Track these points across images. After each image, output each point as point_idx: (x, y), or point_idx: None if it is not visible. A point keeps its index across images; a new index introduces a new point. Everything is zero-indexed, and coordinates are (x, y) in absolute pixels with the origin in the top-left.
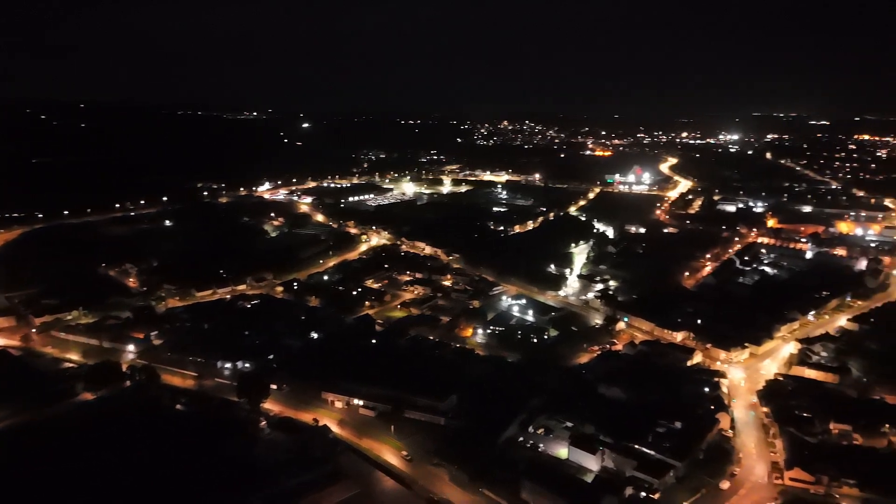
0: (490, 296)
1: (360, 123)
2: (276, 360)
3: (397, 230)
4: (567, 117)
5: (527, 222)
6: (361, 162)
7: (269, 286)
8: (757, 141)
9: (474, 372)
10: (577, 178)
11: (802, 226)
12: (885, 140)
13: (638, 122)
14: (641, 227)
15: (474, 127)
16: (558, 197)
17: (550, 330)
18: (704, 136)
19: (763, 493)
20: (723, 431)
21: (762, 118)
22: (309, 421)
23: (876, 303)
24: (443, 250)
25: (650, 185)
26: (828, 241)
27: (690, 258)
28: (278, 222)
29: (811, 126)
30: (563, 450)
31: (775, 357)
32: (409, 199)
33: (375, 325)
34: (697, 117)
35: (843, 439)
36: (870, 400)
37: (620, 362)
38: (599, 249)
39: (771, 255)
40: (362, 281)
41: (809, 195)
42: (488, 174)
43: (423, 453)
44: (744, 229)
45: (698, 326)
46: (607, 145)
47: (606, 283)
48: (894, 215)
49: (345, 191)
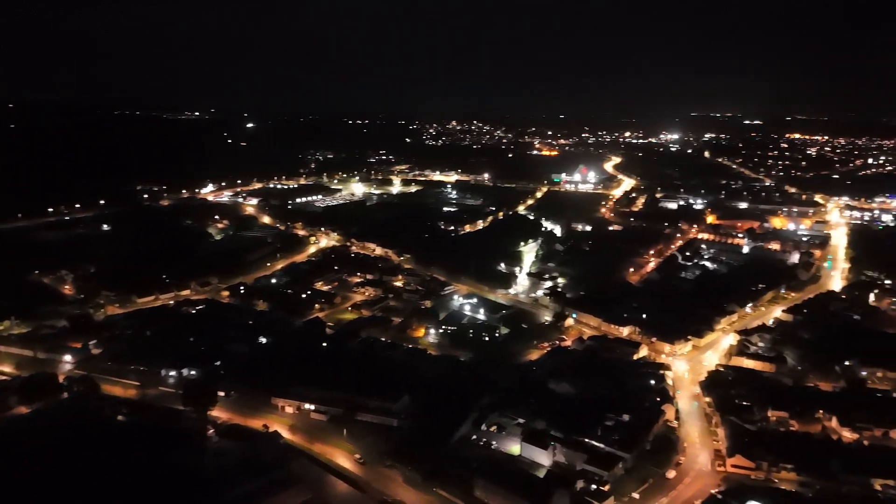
0: (441, 295)
1: (306, 123)
2: (223, 367)
3: (347, 231)
4: (514, 117)
5: (477, 222)
6: (309, 162)
7: (215, 291)
8: (696, 140)
9: (427, 372)
10: (525, 178)
11: (739, 222)
12: (814, 139)
13: (583, 122)
14: (588, 225)
15: (423, 127)
16: (507, 196)
17: (501, 328)
18: (646, 136)
19: (707, 481)
20: (668, 422)
21: (700, 118)
22: (259, 427)
23: (808, 294)
24: (393, 251)
25: (595, 184)
26: (763, 236)
27: (635, 254)
28: (223, 225)
29: (746, 125)
30: (515, 446)
31: (716, 348)
32: (359, 200)
33: (326, 328)
34: (640, 117)
35: (781, 426)
36: (804, 387)
37: (569, 358)
38: (548, 247)
39: (711, 251)
40: (311, 283)
41: (745, 192)
42: (438, 174)
43: (376, 455)
44: (685, 226)
45: (643, 321)
46: (554, 145)
47: (555, 281)
48: (824, 211)
49: (292, 192)
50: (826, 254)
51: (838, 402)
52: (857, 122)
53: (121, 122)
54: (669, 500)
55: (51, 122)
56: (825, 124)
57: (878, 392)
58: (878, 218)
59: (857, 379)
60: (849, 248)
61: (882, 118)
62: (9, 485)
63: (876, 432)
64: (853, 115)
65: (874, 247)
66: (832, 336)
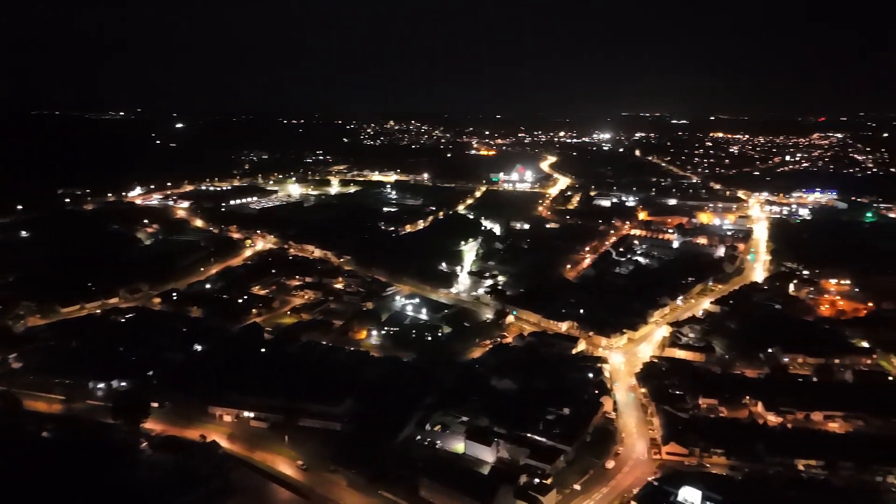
0: (383, 296)
1: (239, 123)
2: (156, 377)
3: (284, 233)
4: (451, 118)
5: (417, 221)
6: (242, 163)
7: (145, 298)
8: (626, 139)
9: (370, 374)
10: (464, 178)
11: (669, 218)
12: (736, 137)
13: (519, 122)
14: (526, 224)
15: (360, 127)
16: (447, 196)
17: (444, 327)
18: (580, 136)
19: (644, 469)
20: (607, 414)
21: (630, 118)
22: (195, 438)
23: (733, 286)
24: (333, 252)
25: (532, 183)
26: (691, 231)
27: (571, 251)
28: (152, 229)
29: (673, 125)
30: (459, 445)
31: (650, 340)
32: (296, 201)
33: (264, 333)
34: (573, 117)
35: (711, 413)
36: (732, 375)
37: (511, 354)
38: (488, 246)
39: (643, 246)
40: (248, 288)
41: (674, 189)
42: (377, 174)
43: (319, 461)
44: (618, 222)
45: (581, 316)
46: (491, 145)
47: (495, 279)
48: (746, 206)
49: (225, 194)
50: (749, 247)
51: (763, 388)
52: (775, 121)
53: (39, 123)
54: (609, 490)
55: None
56: (746, 123)
57: (799, 377)
58: (795, 212)
59: (779, 365)
60: (769, 241)
61: (797, 118)
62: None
63: (798, 415)
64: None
65: (792, 239)
66: (756, 325)
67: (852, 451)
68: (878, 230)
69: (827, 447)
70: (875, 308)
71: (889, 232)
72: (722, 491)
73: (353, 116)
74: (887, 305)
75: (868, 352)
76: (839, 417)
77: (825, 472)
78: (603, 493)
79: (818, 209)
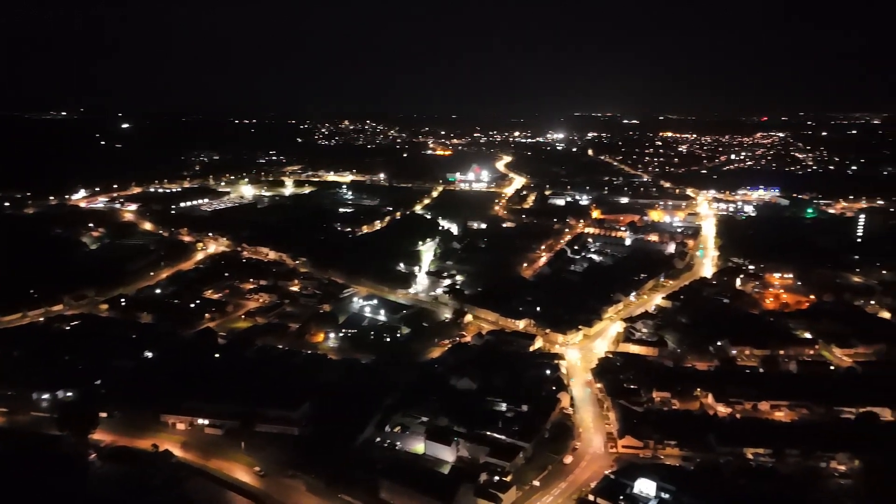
0: (340, 298)
1: (189, 123)
2: (104, 386)
3: (237, 236)
4: (407, 117)
5: (374, 222)
6: (193, 164)
7: (92, 304)
8: (580, 139)
9: (328, 377)
10: (420, 178)
11: (621, 216)
12: (684, 137)
13: (474, 122)
14: (483, 223)
15: (315, 127)
16: (404, 196)
17: (402, 328)
18: (534, 135)
19: (601, 463)
20: (564, 409)
21: (583, 118)
22: (147, 448)
23: (684, 281)
24: (288, 254)
25: (489, 183)
26: (643, 228)
27: (528, 250)
28: (98, 233)
29: (624, 125)
30: (419, 445)
31: (605, 336)
32: (249, 203)
33: (218, 338)
34: (527, 117)
35: (664, 405)
36: (683, 368)
37: (469, 353)
38: (445, 246)
39: (597, 244)
40: (200, 292)
41: (626, 188)
42: (332, 174)
43: (277, 466)
44: (572, 221)
45: (538, 313)
46: (447, 145)
47: (453, 278)
48: (695, 203)
49: (175, 196)
50: (698, 243)
51: (713, 380)
52: (721, 121)
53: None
54: (567, 485)
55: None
56: (693, 123)
57: (747, 368)
58: (740, 209)
59: (728, 357)
60: (717, 238)
61: (741, 118)
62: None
63: (746, 405)
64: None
65: (738, 235)
66: (706, 319)
67: (797, 438)
68: (818, 226)
69: (774, 436)
70: (816, 300)
71: (828, 228)
72: (675, 481)
73: (307, 116)
74: (827, 298)
75: (810, 342)
76: (785, 406)
77: (772, 459)
78: (561, 487)
79: (762, 206)
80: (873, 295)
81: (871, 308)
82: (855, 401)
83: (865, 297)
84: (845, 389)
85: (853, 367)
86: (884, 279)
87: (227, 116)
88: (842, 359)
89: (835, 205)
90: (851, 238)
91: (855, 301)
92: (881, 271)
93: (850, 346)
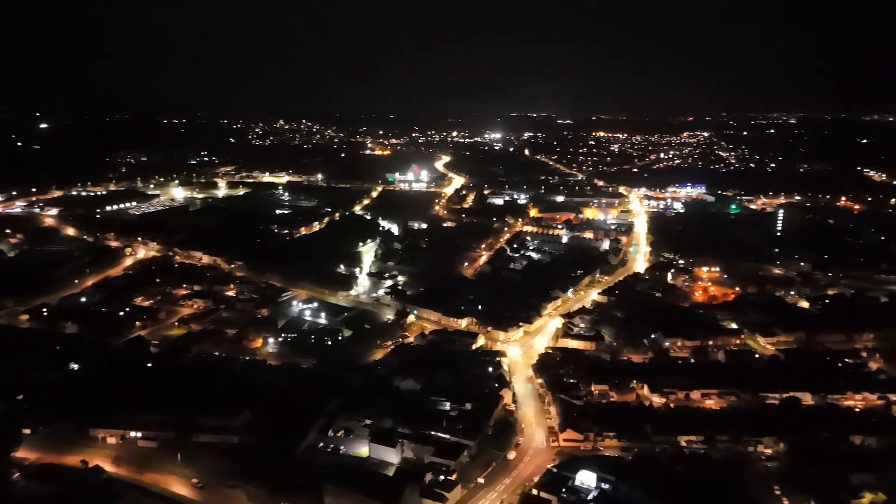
0: (279, 302)
1: (114, 123)
2: (27, 400)
3: (168, 240)
4: (344, 117)
5: (312, 223)
6: (119, 166)
7: (11, 315)
8: (516, 139)
9: (267, 383)
10: (359, 178)
11: (558, 214)
12: (616, 136)
13: (412, 122)
14: (424, 223)
15: (248, 126)
16: (342, 196)
17: (344, 330)
18: (472, 135)
19: (543, 457)
20: (507, 406)
21: (518, 118)
22: (76, 464)
23: (618, 277)
24: (223, 258)
25: (428, 183)
26: (578, 226)
27: (468, 249)
28: (16, 239)
29: (559, 125)
30: (363, 448)
31: (545, 332)
32: (180, 206)
33: (150, 347)
34: (465, 117)
35: (603, 398)
36: (620, 361)
37: (413, 354)
38: (386, 247)
39: (535, 242)
40: (130, 299)
41: (561, 186)
42: (267, 175)
43: (216, 477)
44: (511, 220)
45: (479, 312)
46: (386, 144)
47: (395, 279)
48: (627, 201)
49: (100, 199)
50: (631, 240)
51: (648, 372)
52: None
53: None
54: (511, 480)
55: None
56: (624, 123)
57: (679, 359)
58: (670, 206)
59: (661, 349)
60: (649, 234)
61: (669, 118)
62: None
63: (679, 395)
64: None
65: (668, 231)
66: (640, 313)
67: (727, 425)
68: (742, 221)
69: (705, 423)
70: (741, 292)
71: (750, 222)
72: (614, 471)
73: (239, 116)
74: (751, 289)
75: (737, 332)
76: (714, 395)
77: (704, 446)
78: (506, 483)
79: (690, 203)
80: (793, 286)
81: (791, 298)
82: (778, 387)
83: (786, 288)
84: (769, 376)
85: (776, 354)
86: (802, 270)
87: (155, 116)
88: (765, 347)
89: (756, 201)
90: (772, 232)
91: (776, 292)
92: (799, 263)
93: (773, 334)
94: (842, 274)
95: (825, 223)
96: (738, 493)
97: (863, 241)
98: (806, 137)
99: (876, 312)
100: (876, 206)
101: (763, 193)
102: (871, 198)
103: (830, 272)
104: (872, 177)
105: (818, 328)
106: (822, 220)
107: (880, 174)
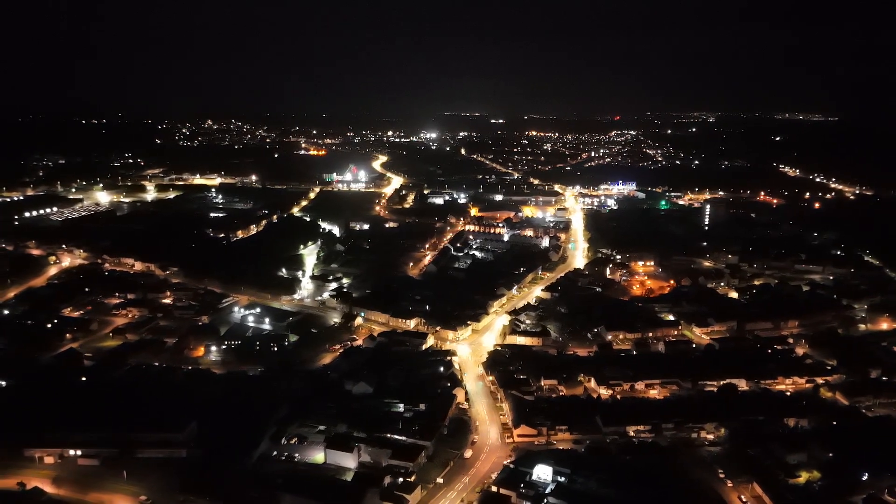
0: (220, 308)
1: (27, 123)
2: None
3: (96, 247)
4: (275, 116)
5: (249, 226)
6: (35, 170)
7: None
8: (451, 138)
9: (213, 393)
10: (295, 178)
11: (498, 213)
12: (548, 135)
13: (346, 121)
14: (365, 224)
15: (174, 126)
16: (279, 198)
17: (290, 335)
18: (408, 135)
19: (499, 454)
20: (460, 405)
21: (452, 117)
22: (13, 487)
23: (560, 273)
24: (157, 265)
25: (367, 183)
26: (518, 224)
27: (412, 249)
28: None
29: (492, 124)
30: (319, 455)
31: (493, 330)
32: (106, 210)
33: (84, 360)
34: (399, 116)
35: (553, 393)
36: (566, 355)
37: (363, 357)
38: (329, 248)
39: (478, 241)
40: (58, 310)
41: (499, 185)
42: (198, 177)
43: (166, 493)
44: (453, 219)
45: (427, 312)
46: (321, 144)
47: (340, 281)
48: (563, 199)
49: (17, 205)
50: (569, 236)
51: (594, 365)
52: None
53: None
54: (469, 478)
55: None
56: (555, 122)
57: (622, 352)
58: (604, 203)
59: (605, 343)
60: (586, 230)
61: (596, 117)
62: None
63: (625, 386)
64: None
65: (604, 227)
66: (582, 308)
67: (671, 413)
68: (671, 216)
69: (651, 413)
70: (676, 285)
71: (680, 218)
72: (569, 464)
73: (164, 116)
74: (685, 282)
75: (674, 324)
76: (657, 385)
77: (651, 434)
78: (464, 482)
79: (622, 199)
80: (722, 277)
81: (722, 289)
82: (715, 375)
83: (716, 280)
84: (706, 365)
85: (711, 343)
86: (729, 262)
87: (71, 115)
88: (701, 337)
89: (683, 196)
90: (700, 226)
91: (708, 284)
92: (727, 255)
93: (707, 325)
94: (765, 265)
95: (748, 217)
96: (685, 478)
97: (782, 233)
98: (724, 136)
99: (799, 300)
100: (792, 199)
101: (689, 189)
102: (788, 192)
103: (755, 263)
104: (787, 172)
105: (748, 317)
106: (745, 215)
107: (794, 170)
